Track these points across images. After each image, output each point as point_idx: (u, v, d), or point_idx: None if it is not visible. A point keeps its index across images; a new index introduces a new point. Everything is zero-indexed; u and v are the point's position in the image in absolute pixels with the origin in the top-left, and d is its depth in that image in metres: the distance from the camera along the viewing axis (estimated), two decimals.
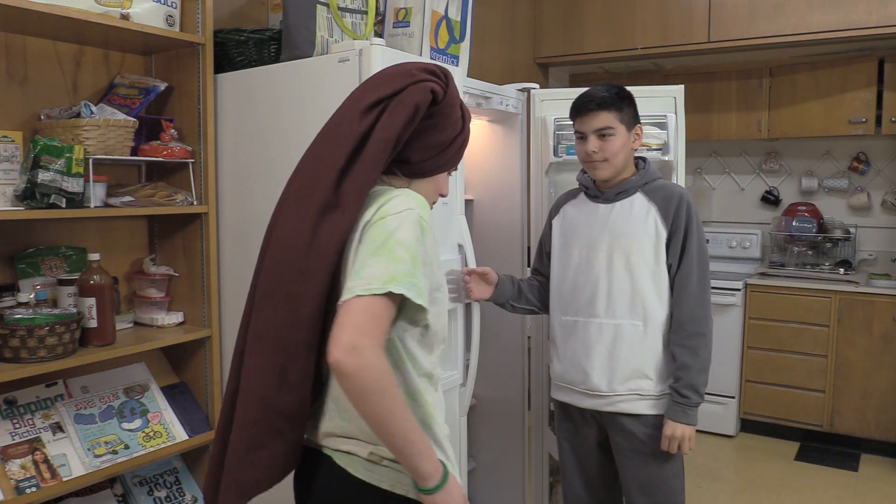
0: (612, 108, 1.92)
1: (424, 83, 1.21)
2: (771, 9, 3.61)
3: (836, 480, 3.42)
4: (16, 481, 1.68)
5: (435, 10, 2.12)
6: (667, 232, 1.92)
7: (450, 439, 1.27)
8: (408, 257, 1.11)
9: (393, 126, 1.19)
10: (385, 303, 1.08)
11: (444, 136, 1.26)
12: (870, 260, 4.15)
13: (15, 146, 1.76)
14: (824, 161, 4.28)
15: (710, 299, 1.94)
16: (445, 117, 1.25)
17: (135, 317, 2.14)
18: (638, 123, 2.00)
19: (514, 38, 4.03)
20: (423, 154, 1.26)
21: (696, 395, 1.87)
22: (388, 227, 1.13)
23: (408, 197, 1.19)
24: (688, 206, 1.92)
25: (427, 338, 1.22)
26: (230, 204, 2.13)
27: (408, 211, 1.16)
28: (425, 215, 1.18)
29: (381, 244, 1.12)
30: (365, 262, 1.11)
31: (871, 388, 3.66)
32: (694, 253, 1.91)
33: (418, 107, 1.20)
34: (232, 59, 2.13)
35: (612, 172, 1.96)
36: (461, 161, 1.36)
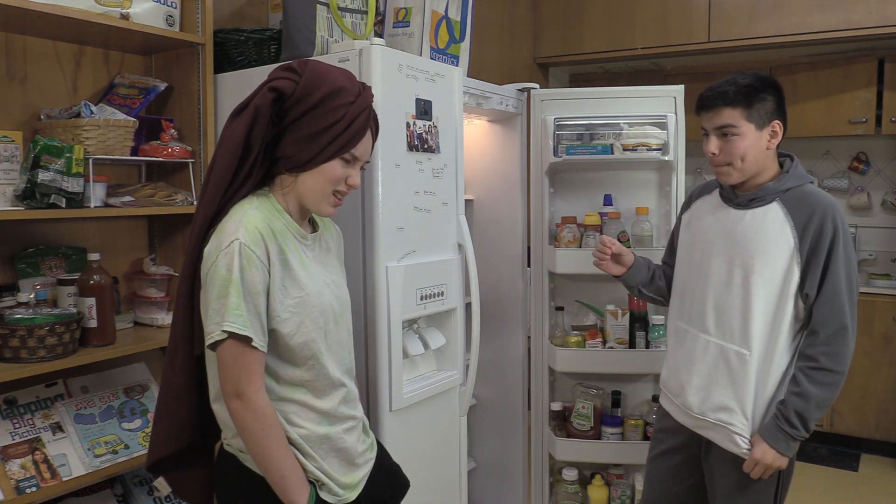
0: (737, 105, 1.68)
1: (270, 83, 1.29)
2: (771, 9, 3.61)
3: (836, 480, 3.42)
4: (16, 481, 1.68)
5: (435, 10, 2.12)
6: (802, 254, 1.64)
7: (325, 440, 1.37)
8: (235, 293, 1.23)
9: (235, 135, 1.29)
10: (237, 341, 1.23)
11: (316, 126, 1.28)
12: (870, 260, 4.15)
13: (15, 146, 1.76)
14: (824, 161, 4.27)
15: (853, 336, 1.65)
16: (309, 105, 1.28)
17: (135, 317, 2.14)
18: (776, 120, 1.73)
19: (513, 38, 4.03)
20: (295, 147, 1.30)
21: (804, 428, 1.63)
22: (222, 265, 1.24)
23: (237, 222, 1.26)
24: (834, 223, 1.61)
25: (284, 354, 1.32)
26: None
27: (231, 244, 1.24)
28: (250, 239, 1.24)
29: (220, 285, 1.23)
30: (208, 304, 1.25)
31: (871, 388, 3.66)
32: (841, 283, 1.62)
33: (257, 109, 1.28)
34: (232, 59, 2.13)
35: (739, 177, 1.72)
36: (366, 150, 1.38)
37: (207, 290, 1.25)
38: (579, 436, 2.59)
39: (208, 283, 1.25)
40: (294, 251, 1.32)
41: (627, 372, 2.60)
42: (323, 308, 1.35)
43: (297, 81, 1.28)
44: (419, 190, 1.94)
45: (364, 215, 1.82)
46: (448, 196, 2.06)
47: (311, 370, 1.34)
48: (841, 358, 1.62)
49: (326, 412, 1.36)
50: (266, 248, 1.26)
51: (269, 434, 1.26)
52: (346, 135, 1.30)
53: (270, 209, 1.33)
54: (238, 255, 1.23)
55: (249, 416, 1.24)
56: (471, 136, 2.62)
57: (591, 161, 2.53)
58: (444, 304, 2.05)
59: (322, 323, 1.35)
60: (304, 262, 1.34)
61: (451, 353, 2.12)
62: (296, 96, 1.28)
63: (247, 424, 1.25)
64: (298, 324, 1.31)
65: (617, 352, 2.55)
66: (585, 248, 2.53)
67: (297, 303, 1.30)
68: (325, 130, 1.29)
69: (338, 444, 1.38)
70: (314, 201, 1.35)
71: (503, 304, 2.68)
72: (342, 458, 1.39)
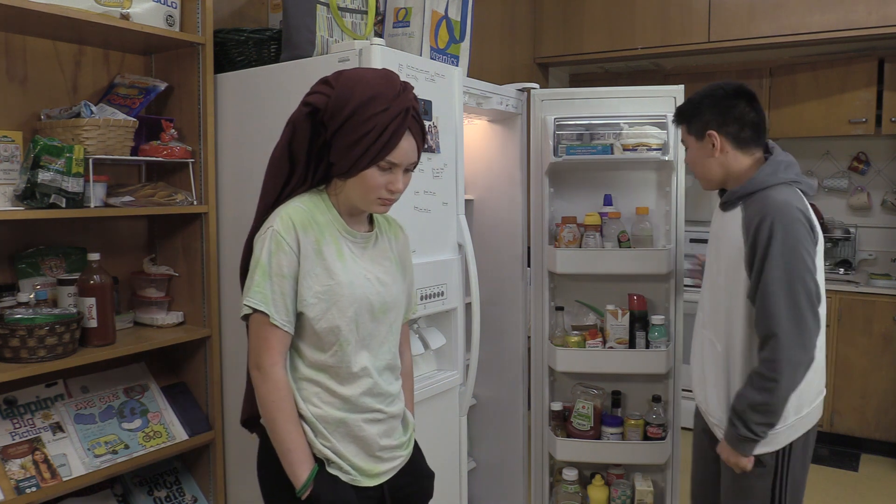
0: (682, 122, 1.87)
1: (306, 98, 1.38)
2: (771, 9, 3.61)
3: (836, 480, 3.42)
4: (16, 481, 1.68)
5: (435, 10, 2.12)
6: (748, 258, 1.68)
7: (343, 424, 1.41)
8: (261, 274, 1.35)
9: (277, 148, 1.43)
10: (260, 317, 1.35)
11: (351, 137, 1.33)
12: (870, 260, 4.15)
13: (15, 146, 1.76)
14: (824, 161, 4.28)
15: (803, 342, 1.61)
16: (342, 118, 1.33)
17: (135, 317, 2.14)
18: (710, 130, 1.78)
19: (513, 38, 4.03)
20: (337, 156, 1.37)
21: (743, 426, 1.67)
22: (258, 249, 1.37)
23: (277, 214, 1.38)
24: (770, 228, 1.62)
25: (310, 337, 1.40)
26: (230, 204, 2.12)
27: (267, 231, 1.37)
28: (284, 229, 1.35)
29: (254, 266, 1.37)
30: (247, 281, 1.38)
31: (871, 388, 3.66)
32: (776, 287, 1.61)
33: (294, 124, 1.39)
34: (232, 59, 2.13)
35: (706, 185, 1.87)
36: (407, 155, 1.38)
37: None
38: (579, 436, 2.59)
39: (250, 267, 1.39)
40: (332, 243, 1.39)
41: (627, 372, 2.60)
42: (355, 298, 1.39)
43: (329, 95, 1.34)
44: (419, 190, 1.94)
45: None
46: (448, 196, 2.06)
47: (334, 356, 1.39)
48: (774, 365, 1.61)
49: (347, 398, 1.41)
50: (297, 236, 1.35)
51: (280, 408, 1.34)
52: (378, 144, 1.33)
53: (319, 204, 1.42)
54: (269, 240, 1.35)
55: (264, 387, 1.35)
56: (471, 136, 2.62)
57: (591, 161, 2.53)
58: (444, 304, 2.05)
59: (352, 313, 1.39)
60: (343, 254, 1.40)
61: (451, 353, 2.12)
62: (329, 111, 1.34)
63: (262, 395, 1.36)
64: (324, 310, 1.37)
65: (617, 352, 2.55)
66: (585, 249, 2.54)
67: (326, 290, 1.36)
68: (358, 141, 1.33)
69: (355, 430, 1.41)
70: (362, 203, 1.41)
71: (503, 303, 2.68)
72: (360, 446, 1.43)
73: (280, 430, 1.35)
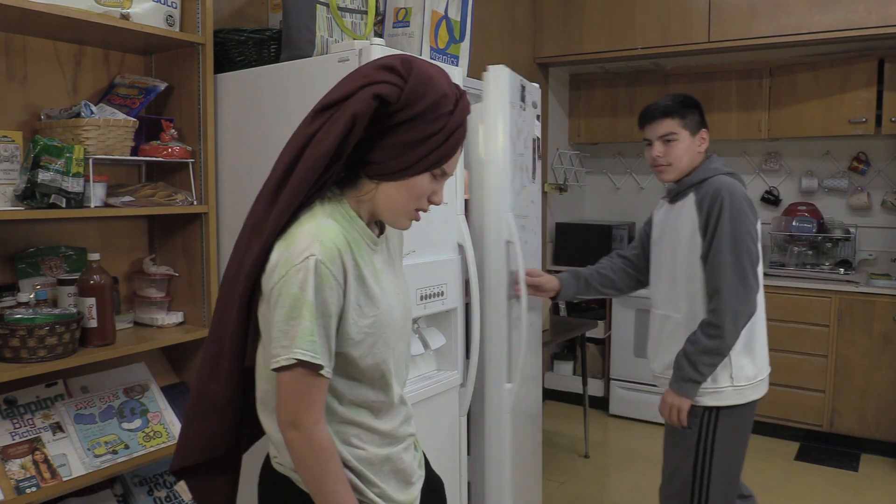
0: (675, 116, 2.04)
1: (371, 87, 1.12)
2: (771, 9, 3.61)
3: (836, 480, 3.42)
4: (16, 481, 1.68)
5: (435, 10, 2.12)
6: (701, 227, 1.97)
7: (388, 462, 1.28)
8: (309, 315, 1.10)
9: (326, 140, 1.13)
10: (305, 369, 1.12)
11: (414, 135, 1.14)
12: (870, 260, 4.15)
13: (15, 146, 1.76)
14: (824, 161, 4.27)
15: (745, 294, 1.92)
16: (413, 114, 1.14)
17: (135, 317, 2.14)
18: (704, 128, 2.07)
19: (514, 38, 4.03)
20: (387, 153, 1.16)
21: (691, 368, 1.95)
22: (294, 283, 1.11)
23: (312, 234, 1.13)
24: (721, 200, 1.93)
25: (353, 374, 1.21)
26: (230, 204, 2.13)
27: (306, 260, 1.10)
28: (327, 255, 1.11)
29: (291, 305, 1.11)
30: (273, 323, 1.13)
31: (871, 388, 3.66)
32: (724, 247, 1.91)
33: (356, 116, 1.12)
34: (232, 59, 2.13)
35: (676, 175, 2.07)
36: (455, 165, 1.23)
37: (274, 306, 1.13)
38: None
39: (275, 300, 1.12)
40: (368, 263, 1.20)
41: None
42: (394, 324, 1.24)
43: (402, 88, 1.13)
44: None
45: None
46: (448, 196, 2.06)
47: (378, 391, 1.25)
48: (720, 314, 1.91)
49: (387, 433, 1.27)
50: (343, 265, 1.14)
51: (327, 469, 1.16)
52: (443, 148, 1.17)
53: (344, 216, 1.20)
54: (314, 273, 1.10)
55: (307, 449, 1.14)
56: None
57: None
58: (444, 304, 2.05)
59: (392, 342, 1.24)
60: (377, 274, 1.23)
61: (451, 353, 2.12)
62: (400, 104, 1.13)
63: (304, 457, 1.15)
64: (371, 345, 1.20)
65: None
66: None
67: (372, 322, 1.19)
68: (423, 141, 1.15)
69: (397, 464, 1.30)
70: (392, 214, 1.22)
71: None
72: (400, 479, 1.31)
73: (329, 492, 1.16)
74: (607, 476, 3.47)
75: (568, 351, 4.58)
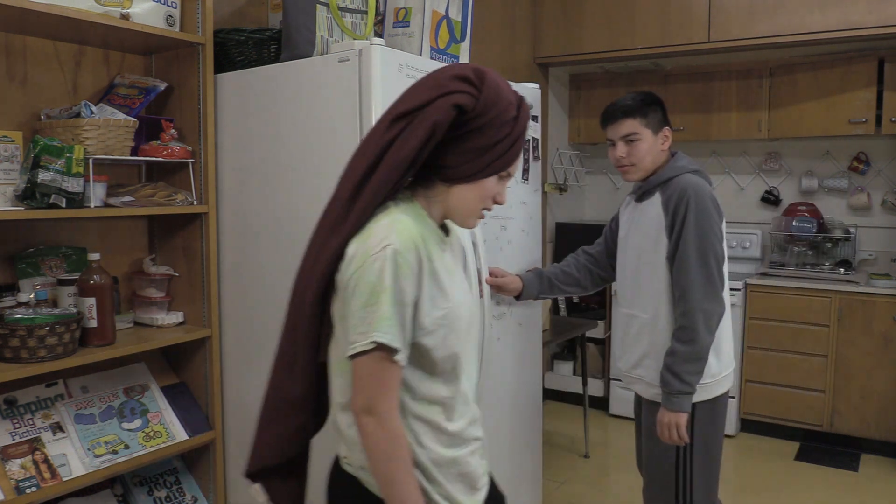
0: (636, 115, 2.02)
1: (449, 97, 1.19)
2: (771, 9, 3.61)
3: (836, 480, 3.42)
4: (16, 481, 1.68)
5: (435, 9, 2.12)
6: (668, 227, 1.96)
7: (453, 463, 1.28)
8: (387, 301, 1.15)
9: (407, 146, 1.20)
10: (385, 354, 1.16)
11: (484, 140, 1.22)
12: (870, 260, 4.15)
13: (15, 146, 1.76)
14: (824, 161, 4.27)
15: (713, 294, 1.91)
16: (484, 121, 1.22)
17: (135, 317, 2.14)
18: (666, 126, 2.05)
19: (514, 38, 4.03)
20: (461, 158, 1.23)
21: (677, 380, 1.92)
22: (372, 271, 1.15)
23: (388, 228, 1.18)
24: (687, 200, 1.92)
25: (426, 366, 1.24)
26: (230, 204, 2.13)
27: (385, 248, 1.16)
28: (404, 246, 1.16)
29: (369, 293, 1.15)
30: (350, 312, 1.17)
31: (871, 388, 3.66)
32: (690, 248, 1.91)
33: (437, 125, 1.19)
34: (232, 59, 2.13)
35: (641, 175, 2.06)
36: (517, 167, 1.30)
37: (351, 296, 1.18)
38: None
39: (352, 290, 1.17)
40: (439, 259, 1.26)
41: None
42: (464, 320, 1.28)
43: (476, 97, 1.21)
44: None
45: None
46: None
47: (449, 386, 1.28)
48: (690, 316, 1.90)
49: (455, 434, 1.29)
50: (419, 256, 1.19)
51: (397, 457, 1.18)
52: (510, 152, 1.25)
53: (415, 214, 1.26)
54: (391, 261, 1.15)
55: (380, 434, 1.17)
56: None
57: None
58: None
59: (462, 336, 1.28)
60: (449, 269, 1.28)
61: None
62: (474, 112, 1.21)
63: (376, 443, 1.18)
64: (444, 336, 1.24)
65: None
66: None
67: (445, 314, 1.23)
68: (493, 146, 1.23)
69: (464, 468, 1.31)
70: (463, 214, 1.29)
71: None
72: (466, 483, 1.31)
73: (397, 482, 1.18)
74: (607, 476, 3.47)
75: (568, 351, 4.58)
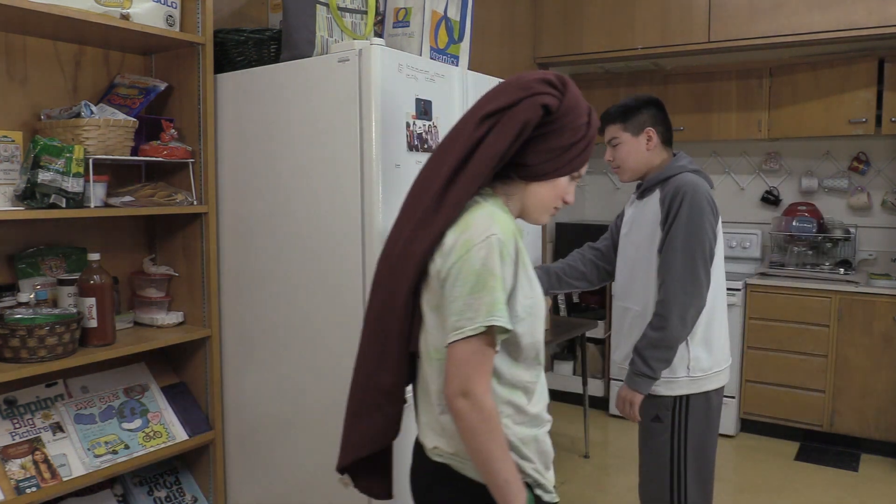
0: (616, 121, 2.10)
1: (537, 97, 1.27)
2: (771, 9, 3.61)
3: (836, 480, 3.42)
4: (16, 481, 1.68)
5: (435, 10, 2.12)
6: (663, 221, 2.01)
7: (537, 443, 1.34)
8: (499, 287, 1.21)
9: (499, 142, 1.27)
10: (488, 338, 1.21)
11: (563, 141, 1.30)
12: (870, 260, 4.15)
13: (15, 146, 1.76)
14: (824, 161, 4.28)
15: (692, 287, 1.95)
16: (563, 123, 1.29)
17: (135, 317, 2.14)
18: (648, 127, 2.09)
19: (514, 38, 4.03)
20: (540, 157, 1.30)
21: (641, 362, 1.98)
22: (477, 259, 1.21)
23: (488, 218, 1.24)
24: (682, 196, 1.96)
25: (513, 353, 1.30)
26: (230, 204, 2.13)
27: (489, 237, 1.22)
28: (505, 236, 1.23)
29: (475, 279, 1.20)
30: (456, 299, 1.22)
31: (871, 388, 3.66)
32: (678, 241, 1.95)
33: (526, 123, 1.26)
34: (232, 59, 2.13)
35: (630, 176, 2.14)
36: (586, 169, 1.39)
37: (453, 284, 1.22)
38: None
39: (454, 278, 1.22)
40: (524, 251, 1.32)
41: None
42: (543, 309, 1.35)
43: (560, 99, 1.29)
44: None
45: (364, 215, 1.82)
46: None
47: (531, 371, 1.33)
48: (666, 305, 1.95)
49: (535, 415, 1.35)
50: (517, 246, 1.26)
51: (494, 437, 1.22)
52: (584, 154, 1.33)
53: (502, 208, 1.33)
54: (497, 250, 1.21)
55: (477, 416, 1.21)
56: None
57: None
58: None
59: (542, 325, 1.35)
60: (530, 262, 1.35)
61: None
62: (558, 114, 1.29)
63: (473, 425, 1.21)
64: (531, 325, 1.30)
65: None
66: None
67: (532, 304, 1.30)
68: (571, 147, 1.31)
69: (542, 445, 1.36)
70: (538, 211, 1.37)
71: None
72: (544, 460, 1.37)
73: (496, 459, 1.22)
74: (607, 476, 3.47)
75: (568, 351, 4.58)
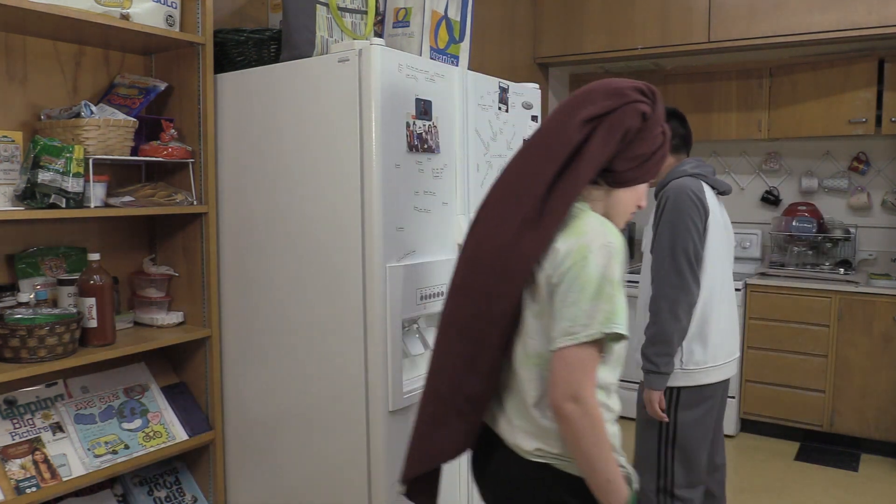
0: None
1: (636, 105, 1.29)
2: (771, 9, 3.61)
3: (836, 480, 3.42)
4: (16, 481, 1.68)
5: (435, 9, 2.12)
6: (653, 226, 2.13)
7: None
8: (617, 294, 1.21)
9: (607, 148, 1.28)
10: (599, 345, 1.22)
11: (647, 149, 1.32)
12: (870, 260, 4.15)
13: (15, 146, 1.76)
14: (824, 161, 4.28)
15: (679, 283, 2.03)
16: (650, 132, 1.32)
17: (135, 317, 2.14)
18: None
19: (513, 38, 4.03)
20: (628, 164, 1.31)
21: (646, 360, 2.08)
22: (596, 266, 1.21)
23: (602, 226, 1.26)
24: (667, 199, 2.07)
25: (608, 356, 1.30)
26: (230, 204, 2.13)
27: (606, 245, 1.23)
28: (619, 244, 1.24)
29: (595, 287, 1.20)
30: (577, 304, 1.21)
31: (871, 388, 3.66)
32: (664, 241, 2.06)
33: (629, 130, 1.29)
34: (232, 59, 2.13)
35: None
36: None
37: (567, 290, 1.22)
38: None
39: (569, 283, 1.22)
40: None
41: None
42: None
43: (652, 108, 1.32)
44: (419, 190, 1.94)
45: (364, 215, 1.82)
46: (448, 196, 2.06)
47: (615, 372, 1.34)
48: (655, 301, 2.05)
49: (616, 413, 1.36)
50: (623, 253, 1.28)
51: (602, 440, 1.23)
52: (664, 160, 1.37)
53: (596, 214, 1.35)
54: (613, 257, 1.22)
55: (586, 420, 1.21)
56: None
57: None
58: None
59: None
60: None
61: None
62: (648, 122, 1.32)
63: (581, 429, 1.22)
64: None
65: None
66: None
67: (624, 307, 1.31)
68: (653, 154, 1.33)
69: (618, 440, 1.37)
70: (619, 216, 1.38)
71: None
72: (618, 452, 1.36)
73: (603, 460, 1.23)
74: None
75: None
